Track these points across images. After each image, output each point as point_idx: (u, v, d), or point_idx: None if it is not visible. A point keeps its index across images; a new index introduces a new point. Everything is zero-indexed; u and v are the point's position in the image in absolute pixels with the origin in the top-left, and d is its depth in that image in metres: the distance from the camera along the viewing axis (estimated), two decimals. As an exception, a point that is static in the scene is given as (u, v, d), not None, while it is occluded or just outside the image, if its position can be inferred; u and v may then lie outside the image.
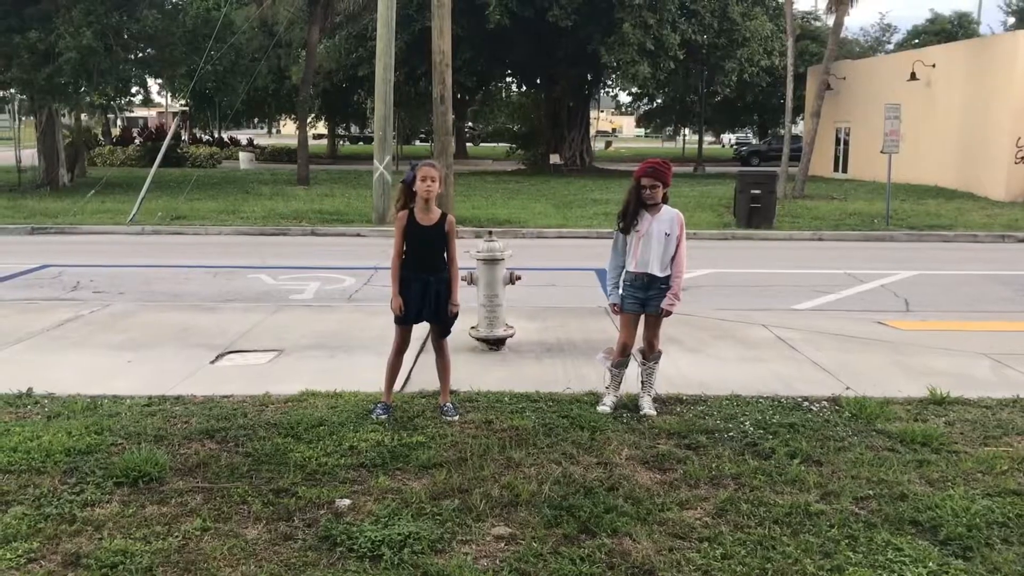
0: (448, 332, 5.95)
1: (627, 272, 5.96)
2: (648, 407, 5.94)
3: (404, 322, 5.85)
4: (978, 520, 4.23)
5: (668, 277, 5.88)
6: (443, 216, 5.76)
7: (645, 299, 5.92)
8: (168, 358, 7.40)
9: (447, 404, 5.87)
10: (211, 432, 5.39)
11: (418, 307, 5.78)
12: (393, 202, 5.98)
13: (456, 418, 5.70)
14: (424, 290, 5.74)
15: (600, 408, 5.91)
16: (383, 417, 5.68)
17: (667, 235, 5.82)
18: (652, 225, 5.81)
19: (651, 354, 6.07)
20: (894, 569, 3.81)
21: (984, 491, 4.62)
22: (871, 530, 4.17)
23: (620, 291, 6.03)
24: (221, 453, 5.06)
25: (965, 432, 5.58)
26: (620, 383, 6.11)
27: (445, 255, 5.79)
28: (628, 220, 5.87)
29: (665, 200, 5.88)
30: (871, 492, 4.60)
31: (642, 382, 6.08)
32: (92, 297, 10.62)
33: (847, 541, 4.05)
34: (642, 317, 5.98)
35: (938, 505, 4.39)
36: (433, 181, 5.60)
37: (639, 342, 6.06)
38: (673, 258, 5.86)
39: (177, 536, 4.03)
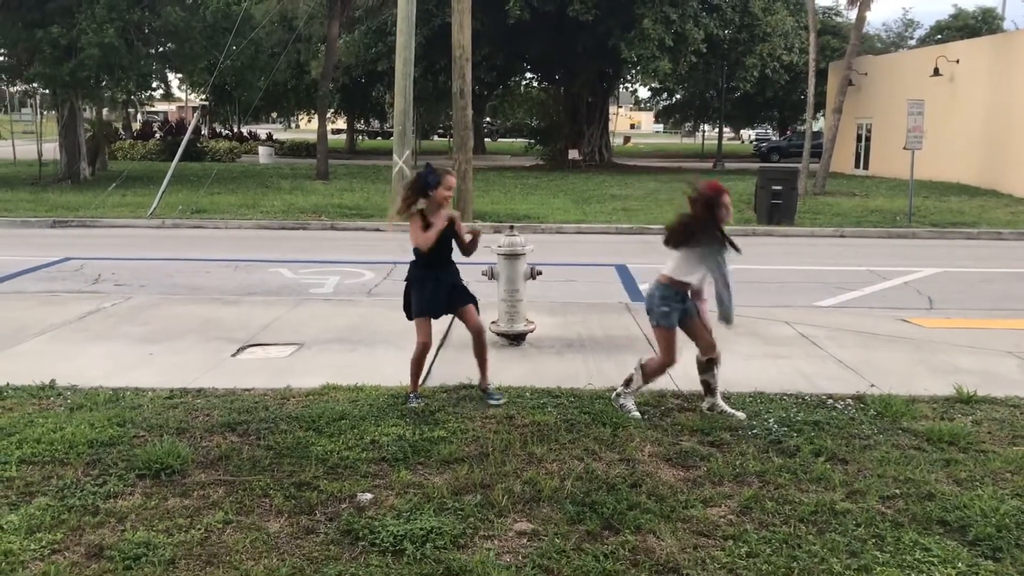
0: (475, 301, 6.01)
1: (673, 289, 5.60)
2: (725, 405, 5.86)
3: (433, 314, 5.97)
4: (1008, 521, 4.17)
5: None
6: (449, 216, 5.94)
7: (684, 307, 5.64)
8: (190, 351, 7.42)
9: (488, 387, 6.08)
10: (233, 425, 5.39)
11: (445, 300, 5.92)
12: (399, 197, 6.14)
13: (502, 401, 5.88)
14: (440, 284, 5.90)
15: (634, 414, 5.68)
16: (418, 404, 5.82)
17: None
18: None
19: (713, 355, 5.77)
20: (922, 569, 3.76)
21: (1013, 491, 4.56)
22: (898, 529, 4.11)
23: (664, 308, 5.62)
24: (243, 446, 5.06)
25: (993, 431, 5.51)
26: None
27: (451, 250, 6.00)
28: (703, 235, 5.44)
29: None
30: (898, 491, 4.54)
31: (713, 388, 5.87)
32: (114, 290, 10.67)
33: (874, 540, 4.00)
34: (693, 322, 5.67)
35: (966, 505, 4.33)
36: (451, 191, 5.87)
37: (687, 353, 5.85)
38: None
39: (199, 528, 4.04)
